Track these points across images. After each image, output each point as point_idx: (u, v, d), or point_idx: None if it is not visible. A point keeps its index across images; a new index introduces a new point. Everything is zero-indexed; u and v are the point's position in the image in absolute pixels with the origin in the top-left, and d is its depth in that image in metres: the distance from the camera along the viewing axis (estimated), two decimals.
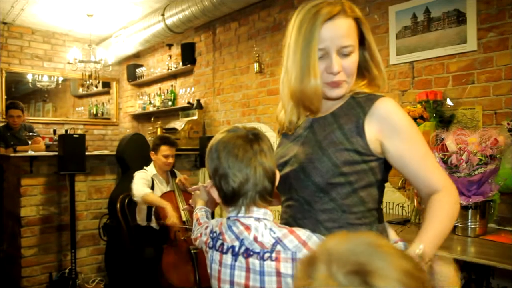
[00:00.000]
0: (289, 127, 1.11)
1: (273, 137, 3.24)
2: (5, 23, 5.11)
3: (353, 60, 1.00)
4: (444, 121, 2.29)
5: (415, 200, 2.23)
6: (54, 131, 4.35)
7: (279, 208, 1.17)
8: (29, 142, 3.71)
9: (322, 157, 0.99)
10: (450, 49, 2.38)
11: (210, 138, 4.21)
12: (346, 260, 0.53)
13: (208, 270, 1.02)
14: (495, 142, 1.81)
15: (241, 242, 0.93)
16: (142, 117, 5.60)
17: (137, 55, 5.58)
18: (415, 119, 2.18)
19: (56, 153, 3.36)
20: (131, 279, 3.08)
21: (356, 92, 1.06)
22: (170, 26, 4.20)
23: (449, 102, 2.33)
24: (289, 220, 1.07)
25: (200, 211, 1.23)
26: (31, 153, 3.42)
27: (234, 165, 0.92)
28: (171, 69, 4.84)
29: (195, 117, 4.27)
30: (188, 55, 4.51)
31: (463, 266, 1.92)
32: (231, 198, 0.95)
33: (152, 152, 3.10)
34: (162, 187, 3.12)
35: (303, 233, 0.92)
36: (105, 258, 3.55)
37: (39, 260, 3.38)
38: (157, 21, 4.32)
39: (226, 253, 0.96)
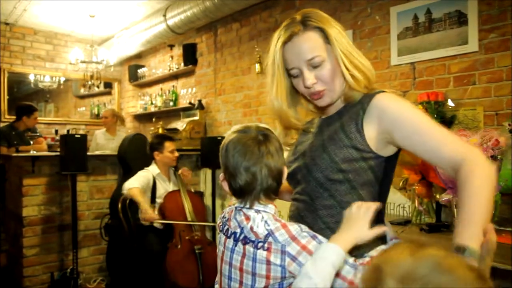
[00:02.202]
0: (285, 142, 1.18)
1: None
2: (7, 24, 5.13)
3: (326, 68, 1.03)
4: (445, 122, 2.29)
5: (416, 201, 2.23)
6: (56, 131, 4.37)
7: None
8: (31, 142, 3.73)
9: (323, 153, 1.03)
10: (452, 50, 2.38)
11: (211, 138, 4.22)
12: (415, 277, 0.54)
13: (217, 250, 1.12)
14: (496, 143, 1.81)
15: (241, 230, 1.02)
16: (143, 118, 5.61)
17: (138, 56, 5.59)
18: None
19: (58, 153, 3.37)
20: (133, 279, 3.09)
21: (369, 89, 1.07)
22: (172, 27, 4.21)
23: (450, 103, 2.33)
24: (295, 213, 1.12)
25: None
26: (33, 153, 3.44)
27: (241, 165, 0.99)
28: (172, 70, 4.85)
29: (197, 118, 4.28)
30: (190, 55, 4.52)
31: None
32: (239, 193, 1.03)
33: (156, 152, 3.10)
34: (166, 186, 3.13)
35: (295, 228, 0.97)
36: (107, 258, 3.56)
37: (41, 259, 3.39)
38: (158, 21, 4.33)
39: (229, 237, 1.05)
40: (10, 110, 5.14)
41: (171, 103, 4.87)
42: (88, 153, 3.39)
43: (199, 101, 4.35)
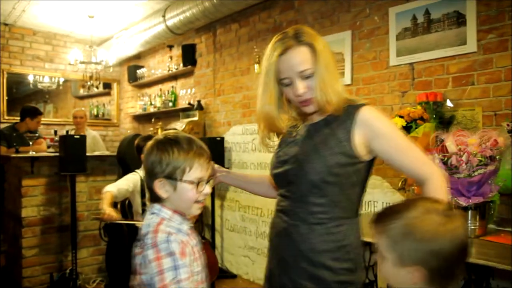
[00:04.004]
0: (265, 143, 1.31)
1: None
2: (6, 24, 5.13)
3: (314, 79, 1.16)
4: (444, 122, 2.30)
5: None
6: (55, 132, 4.36)
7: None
8: (30, 143, 3.72)
9: (319, 158, 1.17)
10: (450, 51, 2.38)
11: (210, 139, 4.22)
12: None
13: None
14: (495, 143, 1.82)
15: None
16: (142, 118, 5.61)
17: (137, 56, 5.59)
18: (415, 120, 2.19)
19: (57, 154, 3.37)
20: (131, 280, 3.08)
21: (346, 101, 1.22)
22: (171, 28, 4.21)
23: (449, 103, 2.33)
24: (286, 208, 1.24)
25: None
26: (32, 153, 3.43)
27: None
28: (171, 70, 4.85)
29: (196, 118, 4.28)
30: (189, 56, 4.52)
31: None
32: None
33: (142, 155, 3.05)
34: None
35: (161, 237, 1.01)
36: (106, 259, 3.56)
37: (40, 260, 3.39)
38: (158, 22, 4.33)
39: None
40: (9, 111, 5.14)
41: (170, 104, 4.87)
42: (88, 154, 3.39)
43: (198, 101, 4.35)
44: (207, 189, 1.11)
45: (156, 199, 1.10)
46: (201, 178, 1.09)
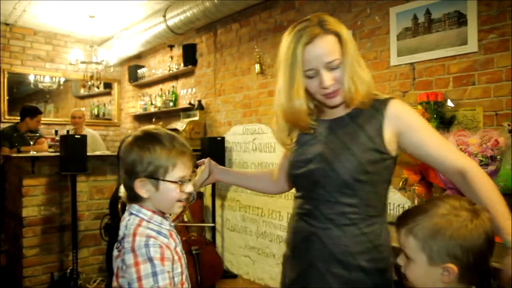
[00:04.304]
0: (284, 142, 1.24)
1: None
2: (7, 24, 5.13)
3: (341, 70, 1.11)
4: (445, 122, 2.29)
5: (416, 201, 2.23)
6: (56, 131, 4.36)
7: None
8: (31, 143, 3.73)
9: (350, 156, 1.10)
10: (451, 51, 2.38)
11: (211, 139, 4.24)
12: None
13: None
14: (496, 143, 1.81)
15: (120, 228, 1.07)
16: (143, 118, 5.61)
17: (138, 56, 5.59)
18: None
19: (58, 154, 3.37)
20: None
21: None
22: (172, 27, 4.21)
23: (449, 103, 2.33)
24: (313, 210, 1.16)
25: None
26: (33, 153, 3.44)
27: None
28: (172, 70, 4.85)
29: (196, 118, 4.28)
30: (190, 56, 4.52)
31: None
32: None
33: None
34: None
35: (140, 241, 0.97)
36: (107, 258, 3.56)
37: (41, 260, 3.40)
38: (158, 22, 4.33)
39: None
40: (10, 111, 5.14)
41: (171, 104, 4.87)
42: (88, 154, 3.39)
43: (199, 101, 4.35)
44: (190, 187, 1.07)
45: (135, 198, 1.05)
46: (184, 176, 1.05)
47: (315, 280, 1.14)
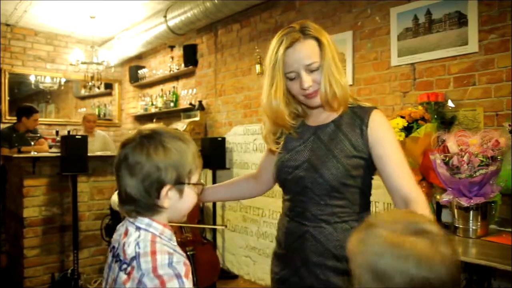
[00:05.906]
0: (272, 138, 1.31)
1: None
2: (8, 25, 5.14)
3: (320, 73, 1.18)
4: (446, 122, 2.29)
5: None
6: (57, 132, 4.37)
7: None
8: (32, 143, 3.73)
9: (336, 163, 1.18)
10: (452, 51, 2.38)
11: (212, 139, 4.23)
12: (396, 220, 0.74)
13: None
14: (496, 143, 1.81)
15: (118, 245, 0.90)
16: (144, 118, 5.62)
17: (139, 57, 5.59)
18: (416, 120, 2.19)
19: (59, 154, 3.37)
20: None
21: (349, 102, 1.24)
22: (172, 28, 4.21)
23: (450, 103, 2.33)
24: (304, 212, 1.22)
25: None
26: (33, 154, 3.44)
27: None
28: (173, 71, 4.85)
29: (197, 118, 4.29)
30: (190, 56, 4.52)
31: (464, 267, 1.93)
32: (125, 199, 0.91)
33: None
34: None
35: (162, 259, 0.83)
36: None
37: (42, 260, 3.40)
38: (159, 22, 4.34)
39: (111, 250, 0.94)
40: (11, 111, 5.15)
41: (172, 104, 4.88)
42: (88, 154, 3.39)
43: (200, 102, 4.36)
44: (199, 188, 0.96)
45: (147, 210, 0.88)
46: (199, 178, 0.95)
47: (312, 274, 1.20)
